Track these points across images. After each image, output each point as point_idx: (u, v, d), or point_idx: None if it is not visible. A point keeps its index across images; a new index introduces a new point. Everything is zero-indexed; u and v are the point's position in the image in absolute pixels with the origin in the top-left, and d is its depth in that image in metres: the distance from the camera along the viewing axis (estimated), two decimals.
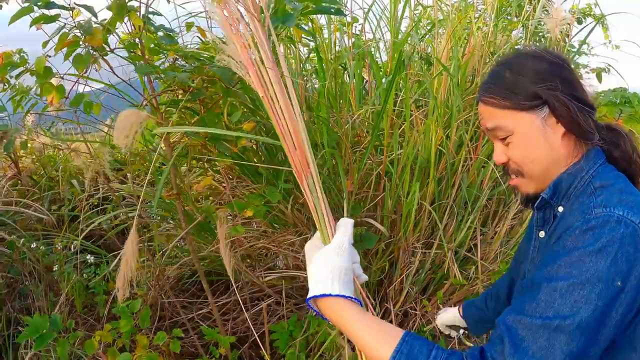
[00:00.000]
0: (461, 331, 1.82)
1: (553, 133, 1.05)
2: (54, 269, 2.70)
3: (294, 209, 2.37)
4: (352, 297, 1.00)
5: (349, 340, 2.56)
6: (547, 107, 1.04)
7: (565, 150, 1.07)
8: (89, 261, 2.78)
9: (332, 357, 2.44)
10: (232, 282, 2.09)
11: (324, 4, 1.86)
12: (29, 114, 2.58)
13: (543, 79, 1.04)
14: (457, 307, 1.74)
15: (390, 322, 2.69)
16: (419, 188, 2.40)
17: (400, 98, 2.77)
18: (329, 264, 1.02)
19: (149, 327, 2.38)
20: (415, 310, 2.69)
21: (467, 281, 2.58)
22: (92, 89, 2.23)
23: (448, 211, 2.60)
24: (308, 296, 1.03)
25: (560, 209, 1.09)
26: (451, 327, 1.81)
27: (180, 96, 2.07)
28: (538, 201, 1.12)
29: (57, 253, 2.78)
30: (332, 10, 2.00)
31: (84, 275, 2.74)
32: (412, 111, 2.62)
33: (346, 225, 1.10)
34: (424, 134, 2.49)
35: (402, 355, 0.92)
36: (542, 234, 1.16)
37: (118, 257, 2.35)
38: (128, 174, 3.10)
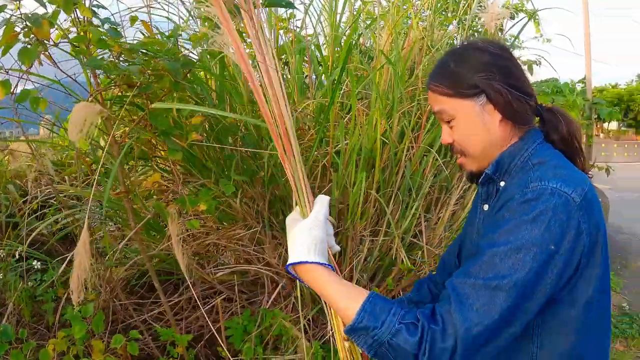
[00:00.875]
0: None
1: (491, 118, 1.14)
2: None
3: (243, 202, 2.39)
4: (326, 264, 1.10)
5: (305, 331, 2.60)
6: (485, 95, 1.13)
7: (503, 133, 1.16)
8: (34, 267, 2.70)
9: (288, 349, 2.47)
10: (187, 278, 2.09)
11: None
12: None
13: (482, 69, 1.12)
14: None
15: None
16: (365, 177, 2.45)
17: (343, 91, 2.82)
18: (307, 235, 1.11)
19: (102, 332, 2.35)
20: None
21: (414, 266, 2.66)
22: (34, 84, 2.18)
23: (393, 199, 2.68)
24: (288, 262, 1.13)
25: (502, 183, 1.18)
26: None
27: (124, 92, 2.05)
28: (482, 177, 1.22)
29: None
30: (284, 3, 2.03)
31: (30, 283, 2.67)
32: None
33: (322, 202, 1.18)
34: (367, 125, 2.55)
35: (365, 313, 1.01)
36: (486, 207, 1.25)
37: (65, 262, 2.30)
38: (66, 177, 3.03)
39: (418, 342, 0.96)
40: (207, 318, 2.27)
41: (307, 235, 1.11)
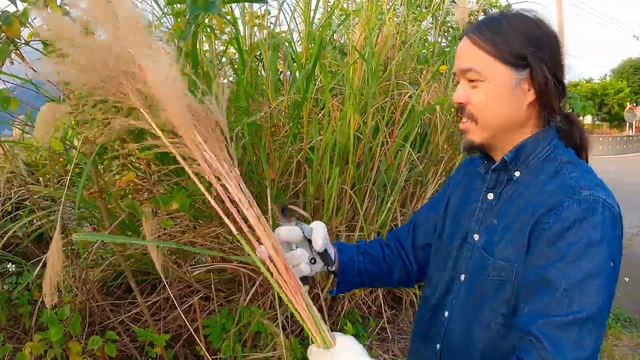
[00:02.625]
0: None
1: (523, 96, 1.05)
2: None
3: (218, 199, 2.38)
4: None
5: (284, 328, 2.61)
6: (528, 71, 1.03)
7: (526, 116, 1.07)
8: (10, 270, 2.67)
9: (267, 346, 2.48)
10: (163, 278, 2.08)
11: None
12: None
13: (536, 45, 1.03)
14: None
15: (320, 307, 2.76)
16: (339, 173, 2.46)
17: (317, 87, 2.83)
18: None
19: (80, 334, 2.33)
20: (344, 293, 2.77)
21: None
22: (5, 84, 2.15)
23: (368, 194, 2.70)
24: None
25: (517, 173, 1.10)
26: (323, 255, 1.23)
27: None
28: (497, 163, 1.12)
29: None
30: None
31: (5, 286, 2.64)
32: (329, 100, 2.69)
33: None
34: (341, 120, 2.56)
35: None
36: (490, 195, 1.15)
37: (40, 264, 2.28)
38: (40, 178, 3.00)
39: None
40: (184, 317, 2.26)
41: None
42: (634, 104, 31.84)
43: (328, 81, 2.53)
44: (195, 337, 2.23)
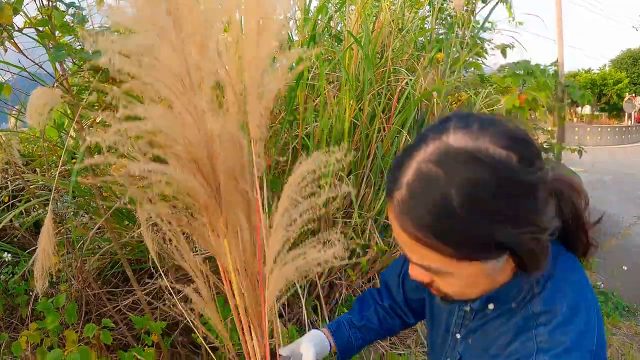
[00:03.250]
0: None
1: (502, 268, 0.83)
2: None
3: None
4: None
5: (280, 315, 2.61)
6: (509, 252, 0.78)
7: (506, 277, 0.86)
8: (6, 260, 2.67)
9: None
10: (158, 266, 2.07)
11: None
12: None
13: (510, 214, 0.72)
14: (318, 332, 1.32)
15: (317, 295, 2.76)
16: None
17: (313, 74, 2.82)
18: None
19: (76, 323, 2.33)
20: (341, 280, 2.77)
21: (388, 247, 2.68)
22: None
23: (365, 181, 2.69)
24: None
25: (491, 306, 0.93)
26: None
27: (90, 77, 2.03)
28: (466, 307, 0.99)
29: None
30: None
31: (2, 276, 2.63)
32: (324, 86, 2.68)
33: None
34: (337, 106, 2.55)
35: None
36: (467, 308, 1.01)
37: (36, 254, 2.27)
38: (37, 168, 2.99)
39: None
40: (179, 306, 2.25)
41: None
42: (633, 95, 31.93)
43: (323, 67, 2.51)
44: (192, 325, 2.22)
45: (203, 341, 2.30)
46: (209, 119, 0.85)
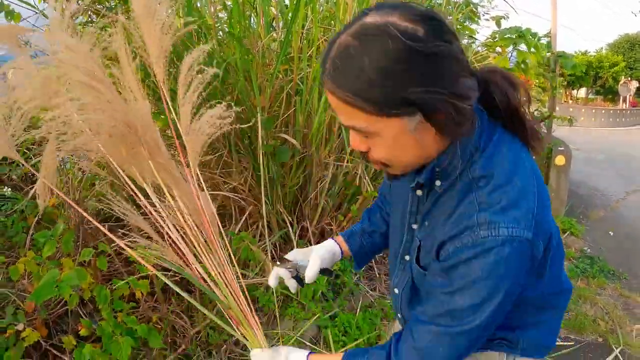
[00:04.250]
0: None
1: (425, 134, 0.92)
2: None
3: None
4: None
5: (272, 257, 2.69)
6: (420, 113, 0.87)
7: (438, 144, 0.97)
8: (6, 194, 2.72)
9: (253, 271, 2.56)
10: (156, 202, 2.13)
11: None
12: None
13: (415, 76, 0.84)
14: (330, 240, 1.47)
15: (308, 241, 2.85)
16: (329, 105, 2.52)
17: (308, 28, 2.87)
18: None
19: (73, 253, 2.38)
20: (332, 226, 2.85)
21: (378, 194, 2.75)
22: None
23: None
24: None
25: (438, 182, 1.03)
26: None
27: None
28: (414, 184, 1.06)
29: None
30: None
31: (0, 217, 2.68)
32: (318, 38, 2.74)
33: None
34: None
35: None
36: (419, 192, 1.10)
37: (34, 190, 2.33)
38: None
39: None
40: (177, 243, 2.32)
41: None
42: (629, 79, 31.96)
43: (317, 14, 2.56)
44: (186, 259, 2.30)
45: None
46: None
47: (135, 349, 2.43)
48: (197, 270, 1.23)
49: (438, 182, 1.02)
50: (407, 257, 1.18)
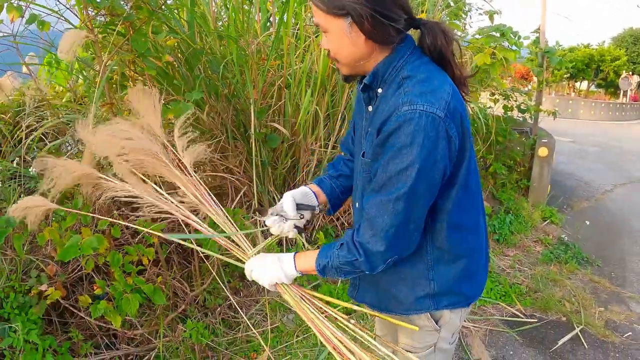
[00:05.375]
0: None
1: (357, 36, 1.28)
2: None
3: (209, 115, 2.78)
4: (292, 260, 1.45)
5: (263, 232, 3.00)
6: (350, 17, 1.25)
7: (370, 48, 1.32)
8: (30, 174, 3.00)
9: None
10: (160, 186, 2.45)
11: None
12: None
13: None
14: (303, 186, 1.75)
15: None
16: (315, 98, 2.85)
17: (297, 26, 3.19)
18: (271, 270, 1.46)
19: (90, 224, 2.69)
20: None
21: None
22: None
23: (340, 117, 3.09)
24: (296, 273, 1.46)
25: (380, 90, 1.36)
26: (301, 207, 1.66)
27: (110, 20, 2.40)
28: (362, 85, 1.40)
29: None
30: None
31: (23, 195, 2.96)
32: (308, 35, 3.06)
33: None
34: (318, 51, 2.93)
35: (319, 260, 1.41)
36: (370, 108, 1.42)
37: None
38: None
39: (355, 252, 1.33)
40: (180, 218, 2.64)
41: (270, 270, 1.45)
42: (630, 73, 31.91)
43: (301, 18, 2.86)
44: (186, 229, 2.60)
45: (194, 245, 2.71)
46: None
47: (142, 308, 2.77)
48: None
49: (380, 90, 1.36)
50: (360, 159, 1.47)
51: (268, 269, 1.46)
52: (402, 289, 1.48)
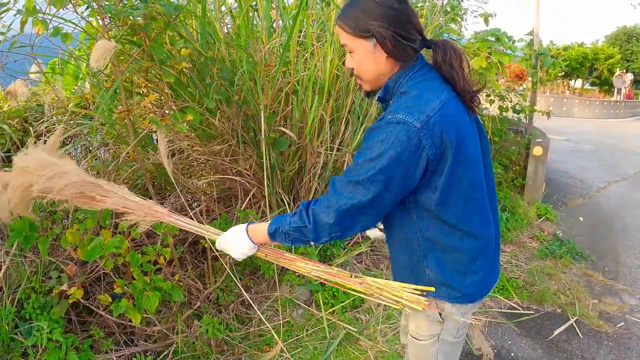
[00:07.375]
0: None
1: (379, 55, 1.46)
2: None
3: (221, 121, 2.92)
4: (246, 230, 1.64)
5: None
6: (375, 39, 1.43)
7: (389, 66, 1.50)
8: None
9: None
10: (175, 185, 2.60)
11: None
12: None
13: (375, 18, 1.41)
14: None
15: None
16: (321, 103, 2.99)
17: (303, 33, 3.33)
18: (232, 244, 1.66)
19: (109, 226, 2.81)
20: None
21: None
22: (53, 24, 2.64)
23: (344, 122, 3.23)
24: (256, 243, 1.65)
25: (391, 102, 1.52)
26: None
27: (127, 31, 2.53)
28: (377, 98, 1.60)
29: None
30: None
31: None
32: (313, 43, 3.20)
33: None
34: (323, 58, 3.08)
35: (271, 225, 1.56)
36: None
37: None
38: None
39: (306, 219, 1.48)
40: (193, 216, 2.78)
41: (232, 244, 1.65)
42: (624, 71, 32.02)
43: (309, 27, 2.99)
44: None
45: (210, 243, 2.83)
46: None
47: (158, 306, 2.88)
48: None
49: (391, 102, 1.52)
50: None
51: (230, 241, 1.66)
52: (409, 279, 1.63)
